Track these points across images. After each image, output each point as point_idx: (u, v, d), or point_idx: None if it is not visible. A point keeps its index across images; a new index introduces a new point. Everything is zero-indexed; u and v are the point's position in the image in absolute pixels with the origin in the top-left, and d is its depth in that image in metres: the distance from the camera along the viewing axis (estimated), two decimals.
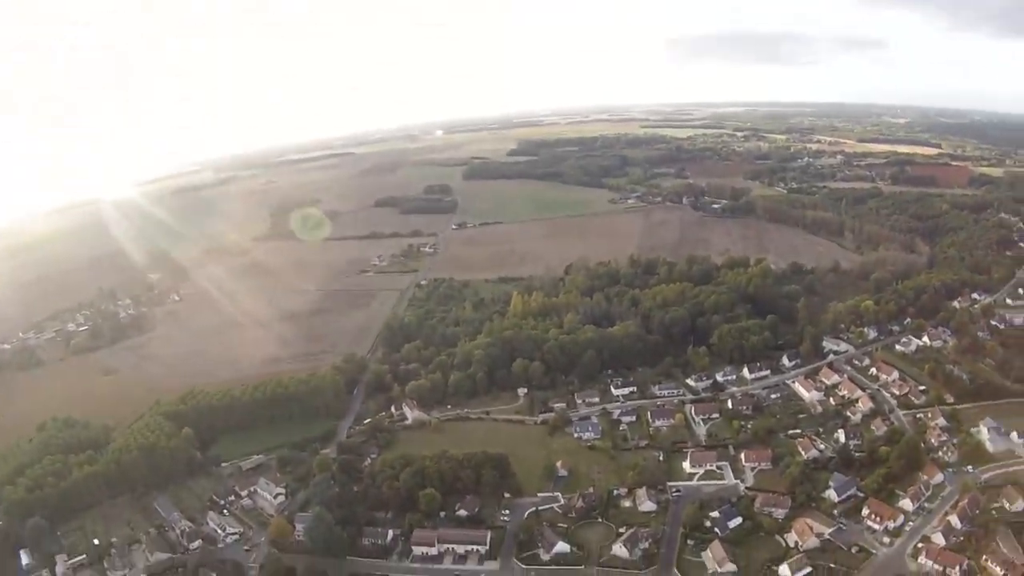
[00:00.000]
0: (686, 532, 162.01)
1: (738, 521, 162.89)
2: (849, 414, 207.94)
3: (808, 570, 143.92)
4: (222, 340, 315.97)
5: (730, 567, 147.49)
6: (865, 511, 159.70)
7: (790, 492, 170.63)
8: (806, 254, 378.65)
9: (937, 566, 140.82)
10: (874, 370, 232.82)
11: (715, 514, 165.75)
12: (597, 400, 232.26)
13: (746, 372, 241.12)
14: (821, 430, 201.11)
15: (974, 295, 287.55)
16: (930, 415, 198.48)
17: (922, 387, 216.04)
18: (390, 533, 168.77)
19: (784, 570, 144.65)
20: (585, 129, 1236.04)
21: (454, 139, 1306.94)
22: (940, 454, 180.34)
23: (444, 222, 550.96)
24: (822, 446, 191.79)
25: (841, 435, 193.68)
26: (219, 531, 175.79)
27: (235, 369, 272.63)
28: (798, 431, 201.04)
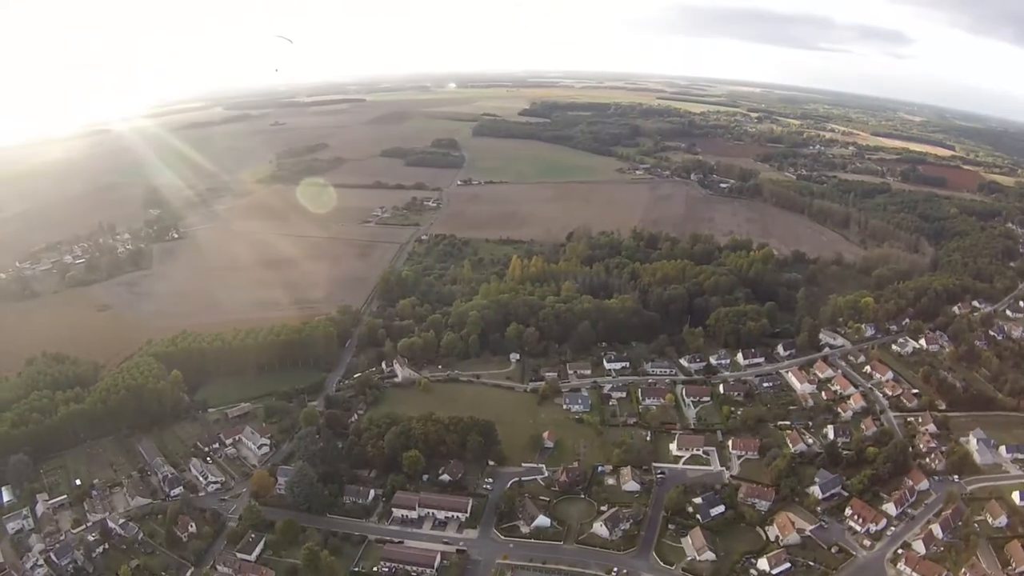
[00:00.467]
0: (668, 516, 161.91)
1: (720, 509, 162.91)
2: (840, 411, 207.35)
3: (787, 566, 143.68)
4: (218, 281, 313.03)
5: (709, 555, 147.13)
6: (848, 511, 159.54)
7: (775, 485, 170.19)
8: (809, 243, 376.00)
9: (916, 575, 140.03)
10: (868, 368, 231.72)
11: (698, 500, 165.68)
12: (589, 372, 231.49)
13: (740, 357, 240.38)
14: (811, 424, 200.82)
15: (975, 303, 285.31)
16: (921, 420, 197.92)
17: (915, 390, 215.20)
18: (372, 493, 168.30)
19: (763, 563, 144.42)
20: (599, 95, 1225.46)
21: (467, 93, 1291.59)
22: (927, 461, 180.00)
23: (450, 177, 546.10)
24: (810, 441, 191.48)
25: (830, 431, 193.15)
26: (201, 479, 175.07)
27: (228, 312, 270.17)
28: (787, 423, 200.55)
